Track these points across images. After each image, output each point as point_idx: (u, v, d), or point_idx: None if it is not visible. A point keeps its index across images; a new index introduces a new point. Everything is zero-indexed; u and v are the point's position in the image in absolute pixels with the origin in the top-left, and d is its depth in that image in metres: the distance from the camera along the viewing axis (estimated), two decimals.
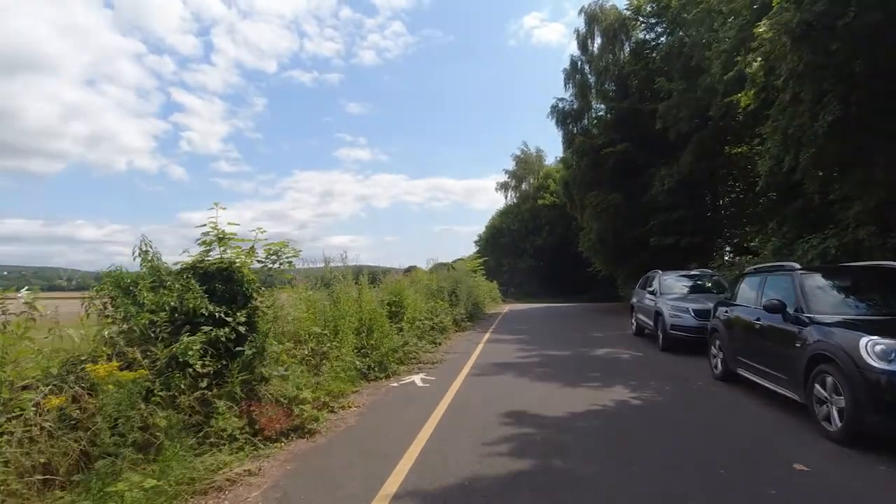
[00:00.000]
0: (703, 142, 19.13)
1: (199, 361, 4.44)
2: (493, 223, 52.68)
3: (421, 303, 12.10)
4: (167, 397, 4.11)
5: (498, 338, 13.74)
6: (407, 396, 7.02)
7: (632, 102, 22.91)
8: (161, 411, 3.87)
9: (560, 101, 25.41)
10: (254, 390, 5.10)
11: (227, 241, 5.43)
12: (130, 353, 4.10)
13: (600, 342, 12.36)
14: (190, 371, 4.33)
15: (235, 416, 4.58)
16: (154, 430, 3.73)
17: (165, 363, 4.24)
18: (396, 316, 10.15)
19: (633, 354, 10.33)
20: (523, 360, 9.92)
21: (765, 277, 6.75)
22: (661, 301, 10.97)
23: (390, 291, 10.31)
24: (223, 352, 4.79)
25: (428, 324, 11.64)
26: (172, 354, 4.24)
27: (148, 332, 4.39)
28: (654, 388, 7.11)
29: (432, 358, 9.99)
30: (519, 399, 6.59)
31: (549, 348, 11.39)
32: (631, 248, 23.02)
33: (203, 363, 4.46)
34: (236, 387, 4.56)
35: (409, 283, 14.00)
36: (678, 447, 4.64)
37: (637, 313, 13.23)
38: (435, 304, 13.25)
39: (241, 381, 4.77)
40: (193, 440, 4.06)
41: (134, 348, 4.15)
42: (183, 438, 3.99)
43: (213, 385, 4.67)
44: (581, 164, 23.85)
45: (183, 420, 4.14)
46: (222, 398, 4.47)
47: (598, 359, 9.90)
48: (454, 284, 16.66)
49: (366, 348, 8.15)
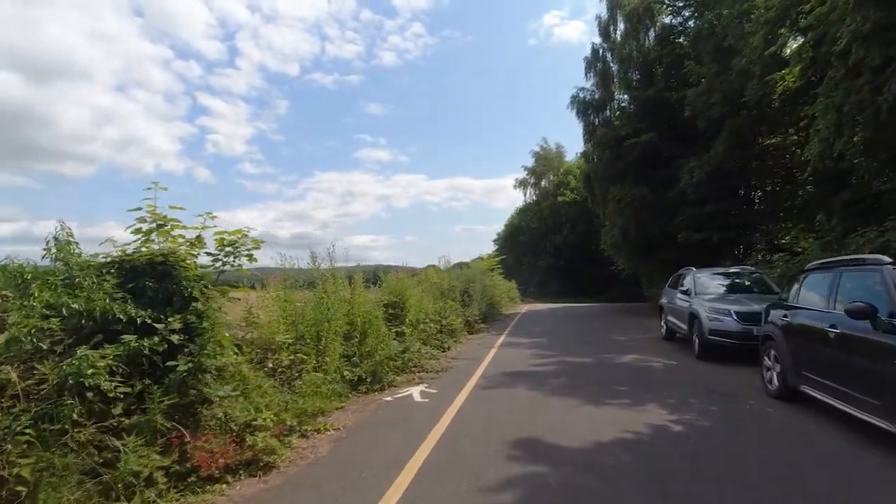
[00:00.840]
0: (737, 130, 17.52)
1: (109, 382, 3.38)
2: (513, 221, 51.17)
3: (428, 303, 10.96)
4: (54, 432, 3.05)
5: (513, 341, 12.51)
6: (399, 415, 5.88)
7: (657, 90, 21.36)
8: (26, 457, 2.80)
9: (581, 91, 23.96)
10: (195, 416, 4.03)
11: (167, 231, 4.37)
12: (3, 373, 3.05)
13: (626, 347, 11.03)
14: (90, 396, 3.26)
15: (157, 451, 3.50)
16: (14, 483, 2.67)
17: (57, 385, 3.19)
18: (397, 319, 9.03)
19: (666, 363, 9.00)
20: (539, 368, 8.69)
21: (838, 274, 5.39)
22: (697, 302, 9.60)
23: (390, 291, 9.19)
24: (148, 368, 3.72)
25: (434, 327, 10.49)
26: (65, 373, 3.18)
27: (39, 344, 3.34)
28: (696, 409, 5.82)
29: (437, 365, 8.84)
30: (531, 421, 5.39)
31: (568, 354, 10.13)
32: (656, 244, 21.46)
33: (114, 384, 3.40)
34: (156, 415, 3.48)
35: (416, 282, 12.89)
36: (740, 501, 3.39)
37: (667, 315, 11.85)
38: (444, 305, 12.09)
39: (170, 405, 3.68)
40: (82, 491, 2.98)
41: (8, 367, 3.11)
42: (70, 488, 2.93)
43: (134, 412, 3.60)
44: (603, 156, 22.36)
45: (76, 463, 3.07)
46: (135, 430, 3.38)
47: (624, 368, 8.61)
48: (467, 283, 15.48)
49: (357, 356, 7.04)
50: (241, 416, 4.19)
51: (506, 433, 4.96)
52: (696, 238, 19.13)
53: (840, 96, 9.87)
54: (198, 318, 4.04)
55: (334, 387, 6.10)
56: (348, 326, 7.19)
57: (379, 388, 7.13)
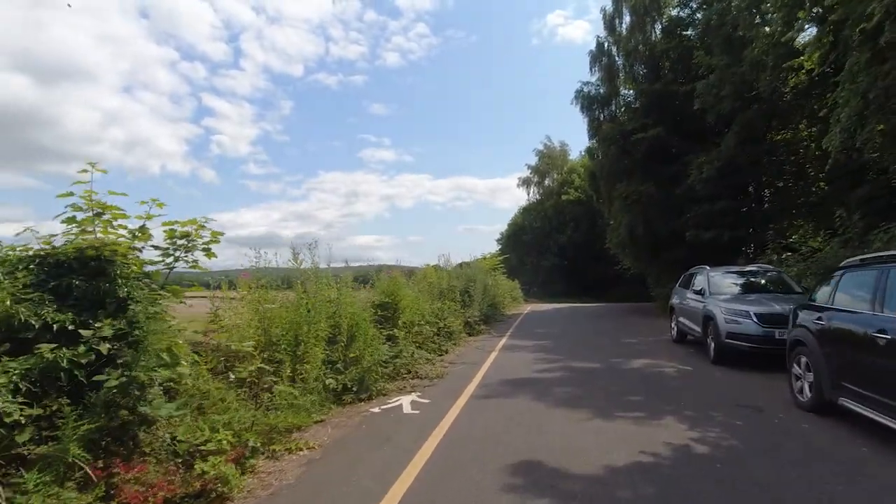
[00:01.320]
0: (748, 124, 16.77)
1: (12, 403, 2.73)
2: (516, 220, 50.36)
3: (424, 304, 10.29)
4: None
5: (515, 344, 11.82)
6: (385, 430, 5.21)
7: (664, 84, 20.61)
8: None
9: (585, 86, 23.18)
10: (133, 440, 3.37)
11: (108, 221, 3.71)
12: None
13: (635, 350, 10.32)
14: None
15: (74, 488, 2.84)
16: None
17: None
18: (389, 321, 8.36)
19: (679, 368, 8.29)
20: (543, 374, 8.00)
21: (884, 273, 4.68)
22: (712, 303, 8.89)
23: (382, 291, 8.52)
24: (68, 385, 3.07)
25: (431, 329, 9.81)
26: None
27: None
28: (719, 424, 5.12)
29: (432, 371, 8.16)
30: (533, 439, 4.71)
31: (574, 358, 9.44)
32: (664, 243, 20.71)
33: (16, 406, 2.74)
34: (70, 442, 2.82)
35: (413, 281, 12.22)
36: None
37: (678, 316, 11.13)
38: (442, 306, 11.42)
39: (95, 428, 3.03)
40: None
41: None
42: None
43: (48, 439, 2.95)
44: (609, 152, 21.61)
45: None
46: (38, 464, 2.73)
47: (636, 374, 7.91)
48: (467, 283, 14.79)
49: (342, 362, 6.37)
50: (189, 438, 3.53)
51: (503, 455, 4.28)
52: (706, 236, 18.39)
53: (866, 82, 9.14)
54: (134, 324, 3.38)
55: (312, 398, 5.43)
56: (332, 329, 6.52)
57: (366, 397, 6.46)
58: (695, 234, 18.74)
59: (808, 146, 18.22)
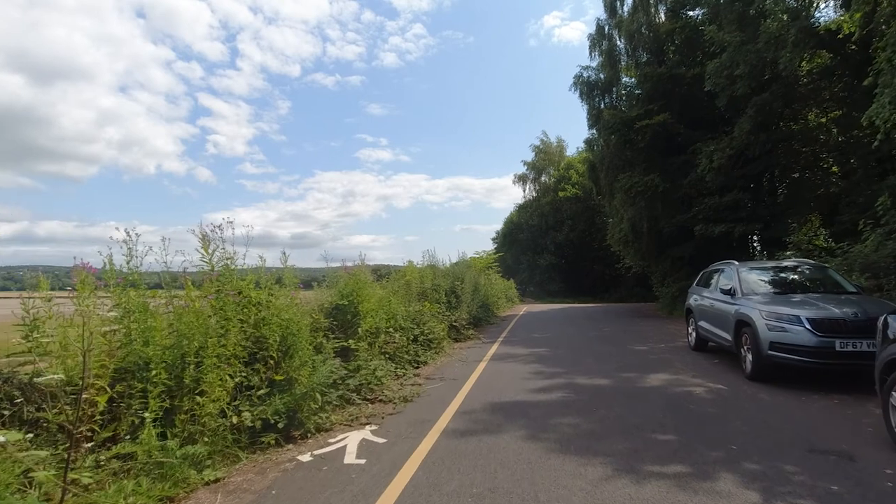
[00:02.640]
0: (765, 107, 15.05)
1: None
2: (512, 218, 48.57)
3: (397, 306, 8.52)
4: None
5: (507, 352, 10.07)
6: (305, 498, 3.46)
7: (670, 67, 18.95)
8: None
9: (585, 70, 21.44)
10: None
11: None
12: None
13: (649, 361, 8.59)
14: None
15: None
16: None
17: None
18: (349, 328, 6.58)
19: (711, 388, 6.54)
20: (539, 396, 6.25)
21: None
22: (748, 305, 7.15)
23: (339, 293, 6.72)
24: None
25: (404, 337, 8.04)
26: None
27: None
28: (805, 487, 3.37)
29: (401, 391, 6.40)
30: None
31: (577, 372, 7.70)
32: (670, 238, 19.05)
33: None
34: None
35: (390, 280, 10.46)
36: None
37: (698, 320, 9.39)
38: (421, 308, 9.64)
39: None
40: None
41: None
42: None
43: None
44: (610, 141, 19.89)
45: None
46: None
47: (657, 396, 6.16)
48: (454, 282, 13.01)
49: (263, 388, 4.59)
50: None
51: None
52: (716, 231, 16.71)
53: None
54: None
55: (202, 448, 3.66)
56: (255, 344, 4.76)
57: (299, 435, 4.71)
58: (704, 228, 17.05)
59: (827, 132, 16.57)
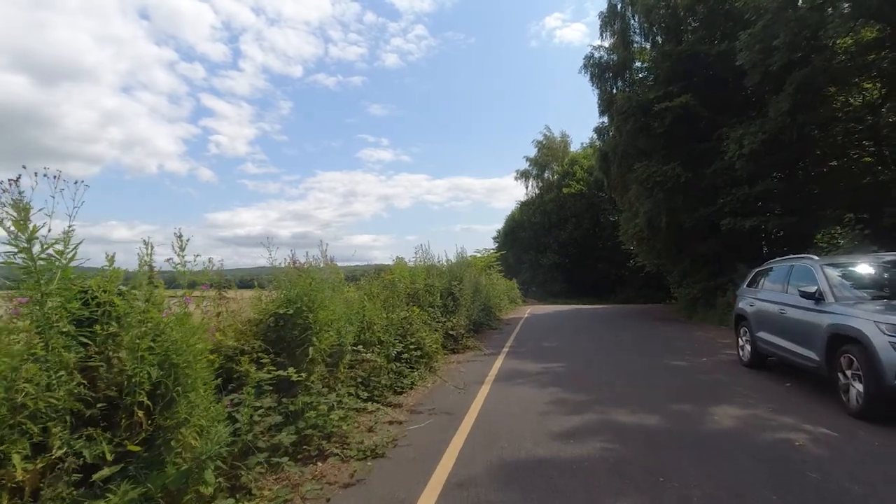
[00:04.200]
0: (807, 82, 13.02)
1: None
2: (514, 216, 46.53)
3: (377, 313, 6.54)
4: None
5: (514, 369, 8.08)
6: None
7: (691, 44, 16.95)
8: None
9: (596, 51, 19.42)
10: None
11: None
12: None
13: (700, 385, 6.58)
14: None
15: None
16: None
17: None
18: (296, 348, 4.60)
19: (813, 433, 4.53)
20: (569, 451, 4.24)
21: None
22: (850, 314, 5.15)
23: (283, 297, 4.70)
24: None
25: (382, 356, 6.04)
26: None
27: None
28: None
29: (368, 442, 4.40)
30: None
31: (612, 401, 5.70)
32: (692, 234, 17.02)
33: None
34: None
35: (367, 280, 8.48)
36: None
37: (756, 330, 7.39)
38: (409, 315, 7.66)
39: None
40: None
41: None
42: None
43: None
44: (624, 127, 17.87)
45: None
46: None
47: (743, 450, 4.15)
48: (450, 283, 11.01)
49: (108, 467, 2.62)
50: None
51: None
52: (746, 225, 14.71)
53: None
54: None
55: None
56: (113, 388, 2.79)
57: None
58: (732, 222, 15.03)
59: (874, 112, 14.55)
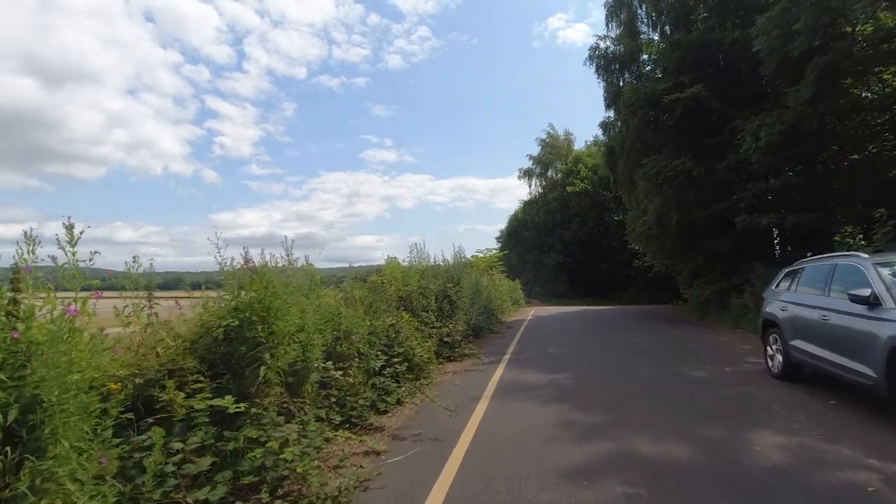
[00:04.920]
0: (830, 69, 12.08)
1: None
2: (517, 215, 45.57)
3: (356, 322, 5.67)
4: None
5: (516, 381, 7.20)
6: None
7: (703, 31, 16.04)
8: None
9: (601, 41, 18.48)
10: None
11: None
12: None
13: (729, 401, 5.67)
14: None
15: None
16: None
17: None
18: (246, 367, 3.72)
19: (888, 471, 3.63)
20: (582, 496, 3.36)
21: None
22: None
23: (230, 305, 3.82)
24: None
25: (357, 371, 5.18)
26: None
27: None
28: None
29: (328, 488, 3.55)
30: None
31: (630, 425, 4.80)
32: (704, 232, 16.09)
33: None
34: None
35: (350, 282, 7.62)
36: None
37: (791, 338, 6.47)
38: (397, 322, 6.79)
39: None
40: None
41: None
42: None
43: None
44: (632, 121, 16.94)
45: None
46: None
47: (802, 497, 3.27)
48: (446, 284, 10.12)
49: None
50: None
51: None
52: (763, 222, 13.77)
53: None
54: None
55: None
56: None
57: None
58: (747, 219, 14.09)
59: None
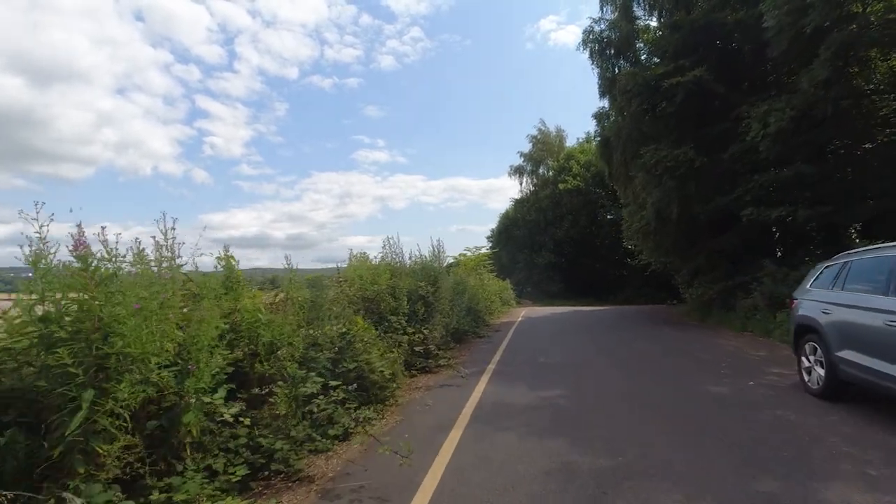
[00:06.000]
0: (846, 48, 10.89)
1: None
2: (508, 214, 44.32)
3: (285, 332, 4.33)
4: None
5: (500, 402, 5.85)
6: None
7: (704, 11, 14.82)
8: None
9: (596, 24, 17.21)
10: None
11: None
12: None
13: (771, 430, 4.37)
14: None
15: None
16: None
17: None
18: (49, 410, 2.37)
19: None
20: None
21: None
22: None
23: (34, 314, 2.45)
24: None
25: (282, 395, 3.82)
26: None
27: None
28: None
29: None
30: None
31: (648, 474, 3.45)
32: (707, 226, 14.88)
33: None
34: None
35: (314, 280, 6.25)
36: None
37: (837, 348, 5.19)
38: (350, 330, 5.45)
39: None
40: None
41: None
42: None
43: None
44: (629, 109, 15.70)
45: None
46: None
47: None
48: (417, 284, 8.74)
49: None
50: None
51: None
52: (772, 215, 12.57)
53: None
54: None
55: None
56: None
57: None
58: (755, 212, 12.90)
59: None
